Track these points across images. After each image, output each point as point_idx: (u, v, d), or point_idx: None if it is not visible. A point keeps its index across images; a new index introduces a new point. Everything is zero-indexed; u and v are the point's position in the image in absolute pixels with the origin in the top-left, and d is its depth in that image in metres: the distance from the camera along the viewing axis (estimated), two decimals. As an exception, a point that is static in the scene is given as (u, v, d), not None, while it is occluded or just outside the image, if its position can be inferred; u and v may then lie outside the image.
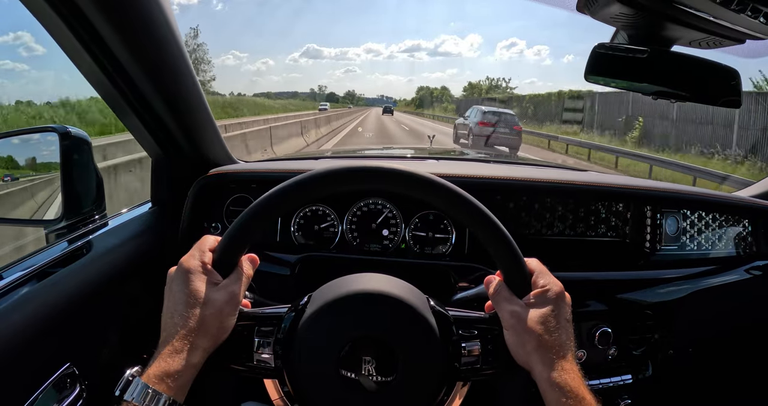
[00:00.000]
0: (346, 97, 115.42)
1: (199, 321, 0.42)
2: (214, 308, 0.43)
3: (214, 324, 0.42)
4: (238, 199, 0.86)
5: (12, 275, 0.55)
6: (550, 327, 0.43)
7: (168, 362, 0.39)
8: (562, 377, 0.41)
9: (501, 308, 0.46)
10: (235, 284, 0.45)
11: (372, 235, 0.84)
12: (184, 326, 0.41)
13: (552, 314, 0.44)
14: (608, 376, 0.80)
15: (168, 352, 0.40)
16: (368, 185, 0.47)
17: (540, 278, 0.47)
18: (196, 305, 0.42)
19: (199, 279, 0.43)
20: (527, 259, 0.48)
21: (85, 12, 0.51)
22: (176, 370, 0.39)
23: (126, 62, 0.59)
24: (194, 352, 0.41)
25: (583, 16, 0.63)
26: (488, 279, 0.49)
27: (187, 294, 0.43)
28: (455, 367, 0.45)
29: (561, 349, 0.43)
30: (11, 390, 0.48)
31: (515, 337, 0.44)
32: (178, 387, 0.39)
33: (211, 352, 0.43)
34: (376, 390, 0.43)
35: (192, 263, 0.44)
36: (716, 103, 0.68)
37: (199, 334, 0.41)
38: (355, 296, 0.45)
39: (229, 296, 0.44)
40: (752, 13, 0.49)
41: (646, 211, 0.88)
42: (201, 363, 0.42)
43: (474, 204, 0.46)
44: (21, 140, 0.78)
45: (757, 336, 0.94)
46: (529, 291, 0.46)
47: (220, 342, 0.44)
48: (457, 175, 0.82)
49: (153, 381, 0.38)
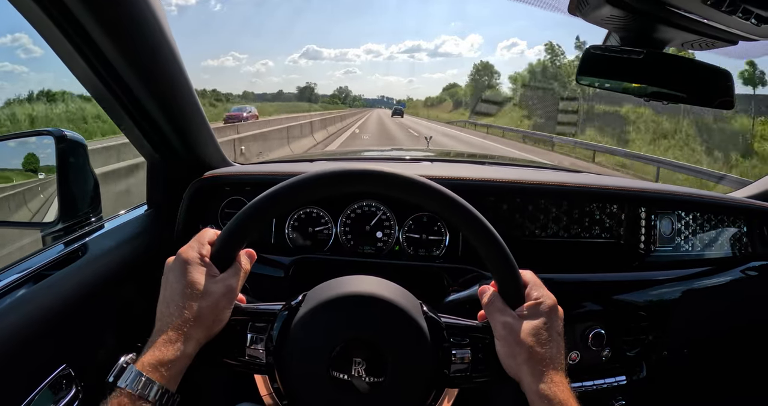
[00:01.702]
0: (337, 96, 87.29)
1: (194, 312, 0.42)
2: (211, 300, 0.43)
3: (209, 316, 0.43)
4: (232, 201, 0.86)
5: (8, 277, 0.56)
6: (542, 340, 0.43)
7: (162, 351, 0.40)
8: (552, 390, 0.41)
9: (494, 319, 0.46)
10: (232, 278, 0.45)
11: (366, 237, 0.85)
12: (180, 316, 0.42)
13: (544, 326, 0.44)
14: (602, 377, 0.80)
15: (162, 341, 0.40)
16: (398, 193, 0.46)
17: (534, 290, 0.47)
18: (193, 296, 0.42)
19: (197, 271, 0.44)
20: (522, 271, 0.48)
21: (78, 16, 0.52)
22: (170, 359, 0.40)
23: (120, 66, 0.60)
24: (188, 342, 0.41)
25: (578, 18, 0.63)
26: (482, 289, 0.49)
27: (184, 285, 0.43)
28: (445, 373, 0.46)
29: (551, 362, 0.43)
30: (8, 391, 0.48)
31: (506, 348, 0.44)
32: (171, 376, 0.40)
33: (204, 343, 0.43)
34: (367, 391, 0.43)
35: (191, 254, 0.45)
36: (710, 105, 0.68)
37: (195, 325, 0.42)
38: (349, 298, 0.45)
39: (226, 289, 0.44)
40: (743, 14, 0.49)
41: (641, 212, 0.88)
42: (194, 354, 0.42)
43: (472, 213, 0.46)
44: (17, 144, 0.79)
45: (752, 337, 0.94)
46: (523, 303, 0.46)
47: (213, 334, 0.44)
48: (451, 178, 0.82)
49: (147, 369, 0.39)
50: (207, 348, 0.44)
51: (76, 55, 0.57)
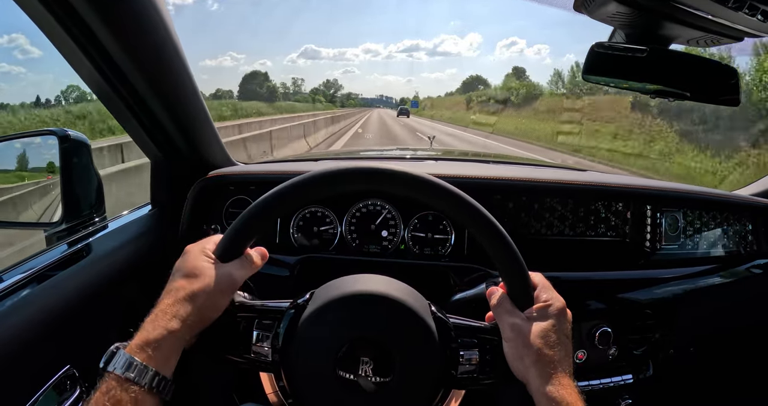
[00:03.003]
0: (322, 92, 65.57)
1: (186, 293, 0.41)
2: (205, 282, 0.42)
3: (201, 296, 0.42)
4: (237, 201, 0.86)
5: (12, 277, 0.56)
6: (550, 342, 0.43)
7: (148, 330, 0.39)
8: (559, 392, 0.41)
9: (502, 320, 0.46)
10: (235, 268, 0.45)
11: (371, 236, 0.84)
12: (169, 295, 0.42)
13: (553, 329, 0.44)
14: (609, 376, 0.79)
15: (149, 321, 0.40)
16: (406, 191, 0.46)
17: (543, 293, 0.47)
18: (187, 276, 0.43)
19: (197, 257, 0.44)
20: (531, 273, 0.48)
21: (83, 16, 0.52)
22: (155, 338, 0.39)
23: (124, 66, 0.59)
24: (174, 320, 0.40)
25: (582, 15, 0.63)
26: (491, 290, 0.49)
27: (177, 268, 0.44)
28: (452, 374, 0.45)
29: (559, 364, 0.43)
30: (12, 392, 0.48)
31: (514, 350, 0.44)
32: (160, 358, 0.38)
33: (198, 330, 0.42)
34: (373, 391, 0.43)
35: (195, 246, 0.46)
36: (716, 102, 0.68)
37: (184, 304, 0.41)
38: (357, 297, 0.45)
39: (225, 274, 0.44)
40: (749, 10, 0.49)
41: (646, 210, 0.87)
42: (184, 335, 0.41)
43: (482, 213, 0.45)
44: (21, 144, 0.79)
45: (758, 335, 0.94)
46: (532, 305, 0.46)
47: (208, 320, 0.43)
48: (457, 176, 0.82)
49: (134, 351, 0.38)
50: (212, 344, 0.44)
51: (80, 55, 0.56)
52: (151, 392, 0.37)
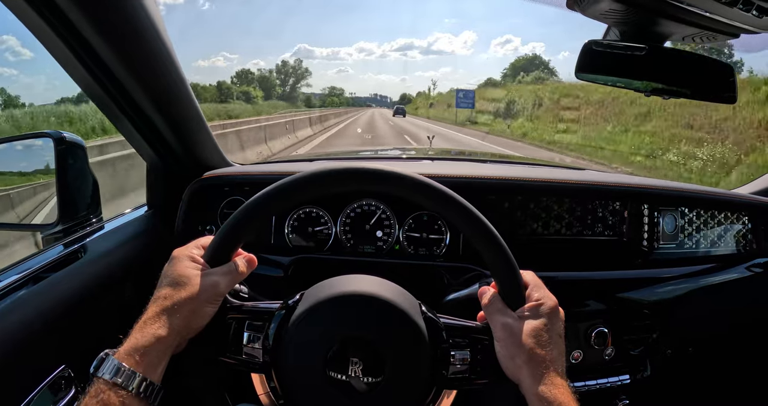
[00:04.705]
0: (267, 84, 50.21)
1: (173, 300, 0.42)
2: (190, 291, 0.43)
3: (186, 306, 0.42)
4: (232, 201, 0.86)
5: (7, 278, 0.56)
6: (542, 341, 0.43)
7: (136, 337, 0.40)
8: (552, 392, 0.41)
9: (493, 320, 0.46)
10: (220, 275, 0.45)
11: (366, 236, 0.84)
12: (156, 303, 0.42)
13: (545, 328, 0.44)
14: (606, 376, 0.79)
15: (137, 328, 0.41)
16: (390, 189, 0.46)
17: (534, 292, 0.47)
18: (173, 284, 0.43)
19: (184, 263, 0.45)
20: (523, 271, 0.47)
21: (73, 21, 0.52)
22: (143, 344, 0.39)
23: (116, 69, 0.60)
24: (162, 328, 0.40)
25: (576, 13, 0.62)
26: (482, 290, 0.49)
27: (164, 274, 0.44)
28: (443, 374, 0.45)
29: (552, 364, 0.42)
30: (7, 392, 0.49)
31: (506, 349, 0.44)
32: (147, 364, 0.39)
33: (187, 337, 0.43)
34: (364, 391, 0.43)
35: (183, 251, 0.46)
36: (713, 100, 0.67)
37: (170, 313, 0.41)
38: (346, 297, 0.45)
39: (210, 283, 0.44)
40: (744, 6, 0.48)
41: (644, 209, 0.87)
42: (172, 342, 0.41)
43: (472, 213, 0.45)
44: (16, 146, 0.79)
45: (757, 335, 0.93)
46: (523, 304, 0.46)
47: (195, 329, 0.43)
48: (452, 176, 0.82)
49: (122, 357, 0.39)
50: (203, 346, 0.44)
51: (73, 59, 0.57)
52: (138, 397, 0.38)
